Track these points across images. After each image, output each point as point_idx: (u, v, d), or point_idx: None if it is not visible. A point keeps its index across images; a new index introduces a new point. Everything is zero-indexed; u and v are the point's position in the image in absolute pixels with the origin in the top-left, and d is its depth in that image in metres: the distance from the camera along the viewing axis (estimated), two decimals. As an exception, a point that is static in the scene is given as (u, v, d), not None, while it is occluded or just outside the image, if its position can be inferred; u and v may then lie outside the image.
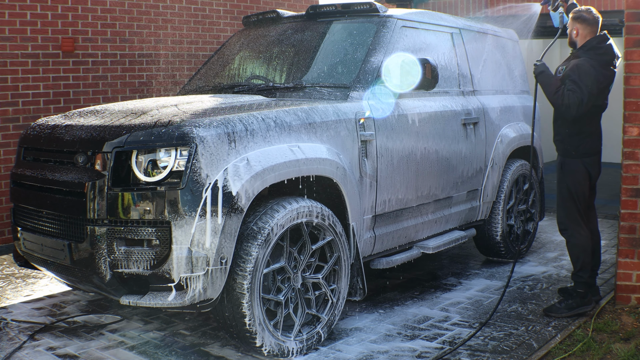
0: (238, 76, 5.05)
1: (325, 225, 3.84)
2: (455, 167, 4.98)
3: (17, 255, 4.25)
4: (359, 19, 4.75)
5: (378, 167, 4.25)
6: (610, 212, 7.43)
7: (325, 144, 3.93)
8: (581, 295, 4.33)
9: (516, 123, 5.81)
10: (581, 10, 4.38)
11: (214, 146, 3.41)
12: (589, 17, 4.33)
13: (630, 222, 4.42)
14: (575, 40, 4.39)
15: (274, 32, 5.10)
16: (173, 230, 3.33)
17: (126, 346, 3.91)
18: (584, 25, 4.33)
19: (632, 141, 4.39)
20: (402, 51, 4.56)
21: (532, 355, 3.76)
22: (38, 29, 6.50)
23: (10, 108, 6.38)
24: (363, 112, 4.19)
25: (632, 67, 4.36)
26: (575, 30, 4.35)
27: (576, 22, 4.35)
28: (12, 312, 4.54)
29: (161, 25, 7.49)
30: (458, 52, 5.26)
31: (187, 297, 3.36)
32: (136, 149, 3.43)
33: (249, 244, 3.49)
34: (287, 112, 3.84)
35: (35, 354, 3.81)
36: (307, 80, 4.51)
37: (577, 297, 4.33)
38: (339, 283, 3.99)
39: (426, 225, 4.81)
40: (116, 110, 4.06)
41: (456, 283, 5.17)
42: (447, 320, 4.33)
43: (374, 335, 4.09)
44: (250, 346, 3.65)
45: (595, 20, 4.33)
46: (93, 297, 4.81)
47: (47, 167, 3.85)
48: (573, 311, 4.30)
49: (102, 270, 3.44)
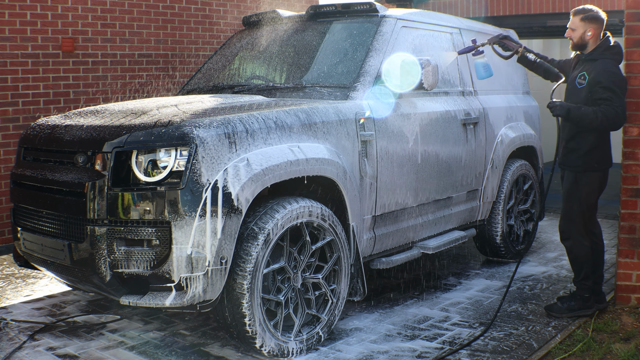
0: (238, 76, 5.05)
1: (325, 225, 3.84)
2: (455, 168, 4.98)
3: (17, 255, 4.25)
4: (359, 19, 4.75)
5: (378, 167, 4.25)
6: (610, 212, 7.43)
7: (325, 144, 3.93)
8: (585, 299, 4.29)
9: (516, 123, 5.81)
10: (589, 9, 4.19)
11: (214, 146, 3.41)
12: (601, 16, 4.18)
13: (630, 222, 4.42)
14: (587, 42, 4.19)
15: (274, 32, 5.10)
16: (173, 231, 3.33)
17: (126, 346, 3.91)
18: (597, 24, 4.16)
19: (632, 141, 4.39)
20: (402, 51, 4.56)
21: (532, 355, 3.76)
22: (38, 29, 6.50)
23: (10, 108, 6.38)
24: (363, 112, 4.19)
25: (632, 67, 4.36)
26: (591, 31, 4.14)
27: (590, 23, 4.15)
28: (12, 312, 4.54)
29: (161, 25, 7.49)
30: (458, 52, 5.26)
31: (187, 298, 3.36)
32: (136, 149, 3.43)
33: (249, 244, 3.49)
34: (287, 112, 3.84)
35: (35, 354, 3.81)
36: (307, 81, 4.51)
37: (581, 300, 4.29)
38: (339, 283, 3.99)
39: (426, 226, 4.80)
40: (116, 110, 4.06)
41: (456, 283, 5.17)
42: (447, 320, 4.33)
43: (374, 335, 4.09)
44: (250, 346, 3.65)
45: (604, 18, 4.20)
46: (93, 297, 4.81)
47: (47, 167, 3.84)
48: (574, 313, 4.28)
49: (102, 270, 3.44)
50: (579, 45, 4.23)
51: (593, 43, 4.19)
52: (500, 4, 8.62)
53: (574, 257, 4.31)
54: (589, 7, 4.21)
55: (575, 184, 4.22)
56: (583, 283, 4.29)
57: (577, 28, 4.19)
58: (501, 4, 8.61)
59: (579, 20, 4.18)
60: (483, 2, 8.68)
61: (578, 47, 4.25)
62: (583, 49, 4.23)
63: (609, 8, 7.71)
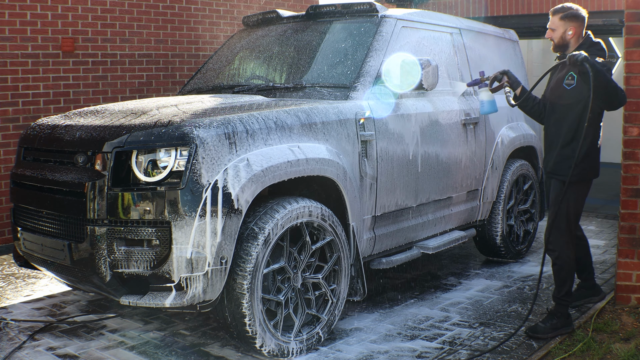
0: (238, 76, 5.05)
1: (325, 225, 3.84)
2: (455, 168, 4.98)
3: (17, 255, 4.25)
4: (359, 19, 4.75)
5: (378, 167, 4.25)
6: (610, 212, 7.44)
7: (325, 144, 3.93)
8: (565, 316, 4.09)
9: (516, 123, 5.81)
10: (569, 7, 4.03)
11: (214, 147, 3.41)
12: (581, 13, 4.03)
13: (630, 222, 4.42)
14: (568, 42, 4.03)
15: (274, 32, 5.10)
16: (173, 231, 3.33)
17: (126, 346, 3.91)
18: (578, 23, 4.02)
19: (632, 141, 4.39)
20: (402, 51, 4.56)
21: (532, 355, 3.76)
22: (38, 29, 6.50)
23: (10, 108, 6.38)
24: (363, 112, 4.19)
25: (632, 67, 4.36)
26: (572, 30, 4.00)
27: (571, 21, 4.00)
28: (12, 312, 4.54)
29: (161, 25, 7.49)
30: (458, 52, 5.27)
31: (187, 298, 3.36)
32: (136, 149, 3.43)
33: (249, 244, 3.49)
34: (287, 112, 3.84)
35: (35, 354, 3.81)
36: (307, 81, 4.51)
37: (562, 317, 4.07)
38: (339, 283, 3.99)
39: (426, 226, 4.81)
40: (116, 110, 4.06)
41: (456, 283, 5.17)
42: (447, 320, 4.33)
43: (374, 335, 4.09)
44: (250, 346, 3.65)
45: (585, 16, 4.04)
46: (93, 297, 4.81)
47: (47, 167, 3.84)
48: (557, 331, 4.04)
49: (102, 270, 3.44)
50: (561, 45, 4.06)
51: (575, 42, 4.04)
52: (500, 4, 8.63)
53: (558, 268, 4.08)
54: (568, 5, 4.05)
55: (565, 193, 3.96)
56: (564, 300, 4.08)
57: (557, 28, 4.03)
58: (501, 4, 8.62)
59: (559, 20, 4.02)
60: (483, 2, 8.68)
61: (560, 48, 4.08)
62: (565, 49, 4.06)
63: (609, 8, 7.72)
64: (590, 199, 4.67)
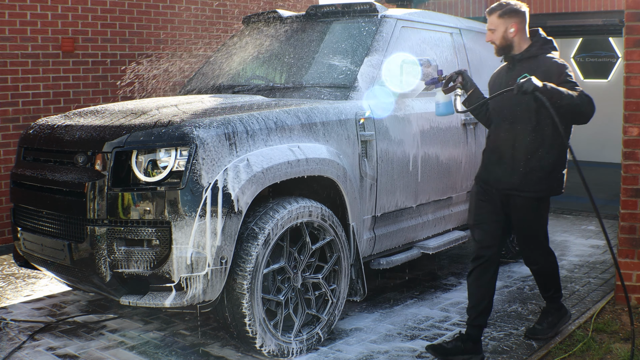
0: (238, 76, 5.05)
1: (325, 225, 3.84)
2: (455, 168, 4.98)
3: (17, 255, 4.25)
4: (359, 19, 4.75)
5: (378, 167, 4.25)
6: (610, 212, 7.43)
7: (326, 144, 3.93)
8: (558, 308, 4.04)
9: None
10: (506, 3, 3.65)
11: (214, 147, 3.41)
12: (521, 8, 3.65)
13: (630, 222, 4.42)
14: (512, 41, 3.63)
15: (274, 32, 5.10)
16: (173, 231, 3.33)
17: (126, 346, 3.91)
18: (519, 18, 3.62)
19: (632, 141, 4.39)
20: (402, 51, 4.56)
21: (532, 355, 3.76)
22: (38, 29, 6.50)
23: (10, 108, 6.38)
24: (363, 112, 4.19)
25: (632, 67, 4.36)
26: (513, 26, 3.60)
27: (511, 18, 3.60)
28: (12, 312, 4.54)
29: (161, 25, 7.50)
30: (458, 52, 5.26)
31: (187, 298, 3.36)
32: (136, 149, 3.43)
33: (249, 244, 3.49)
34: (287, 112, 3.84)
35: (35, 354, 3.81)
36: (307, 81, 4.51)
37: (556, 312, 4.03)
38: (339, 283, 3.99)
39: (426, 226, 4.81)
40: (116, 110, 4.06)
41: (456, 283, 5.17)
42: (447, 320, 4.33)
43: (374, 335, 4.09)
44: (250, 346, 3.65)
45: (525, 10, 3.67)
46: (93, 297, 4.81)
47: (47, 167, 3.85)
48: (556, 328, 4.01)
49: (102, 270, 3.44)
50: (504, 46, 3.65)
51: (519, 40, 3.64)
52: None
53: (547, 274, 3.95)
54: (505, 2, 3.67)
55: (538, 210, 3.68)
56: (555, 296, 4.02)
57: (497, 27, 3.63)
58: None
59: (497, 18, 3.63)
60: (483, 2, 8.67)
61: (504, 50, 3.67)
62: (509, 50, 3.66)
63: (609, 8, 7.71)
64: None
